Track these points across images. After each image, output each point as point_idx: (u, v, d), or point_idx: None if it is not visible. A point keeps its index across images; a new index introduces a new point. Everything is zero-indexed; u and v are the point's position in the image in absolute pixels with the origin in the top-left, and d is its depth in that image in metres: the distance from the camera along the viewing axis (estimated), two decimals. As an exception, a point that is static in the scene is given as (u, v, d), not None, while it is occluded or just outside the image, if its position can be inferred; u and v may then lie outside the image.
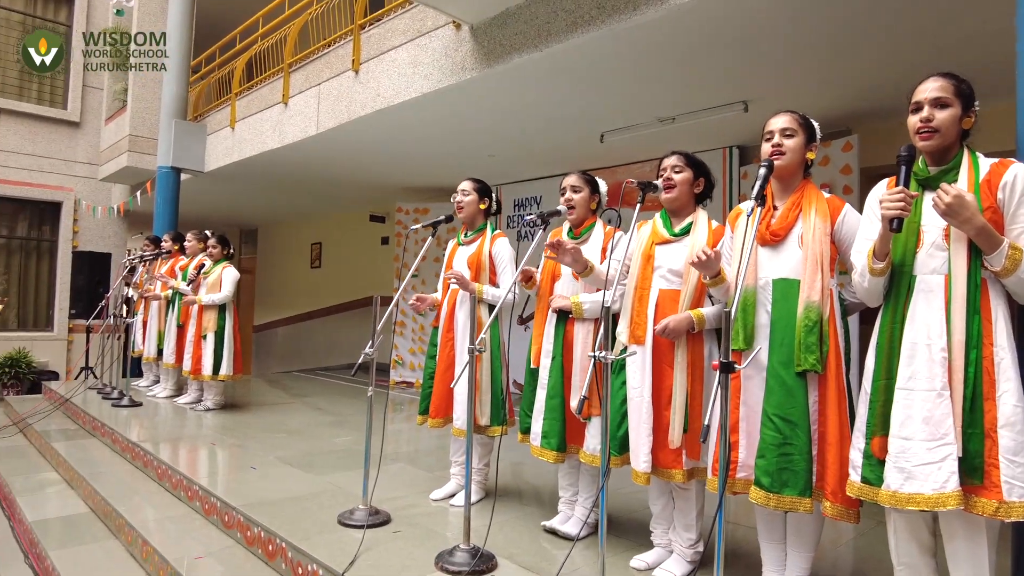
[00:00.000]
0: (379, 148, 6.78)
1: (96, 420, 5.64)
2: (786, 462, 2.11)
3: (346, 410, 6.56)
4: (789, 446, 2.11)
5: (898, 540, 1.98)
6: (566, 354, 2.91)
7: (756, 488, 2.15)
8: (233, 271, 5.80)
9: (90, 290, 9.41)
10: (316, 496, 3.52)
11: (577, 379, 2.84)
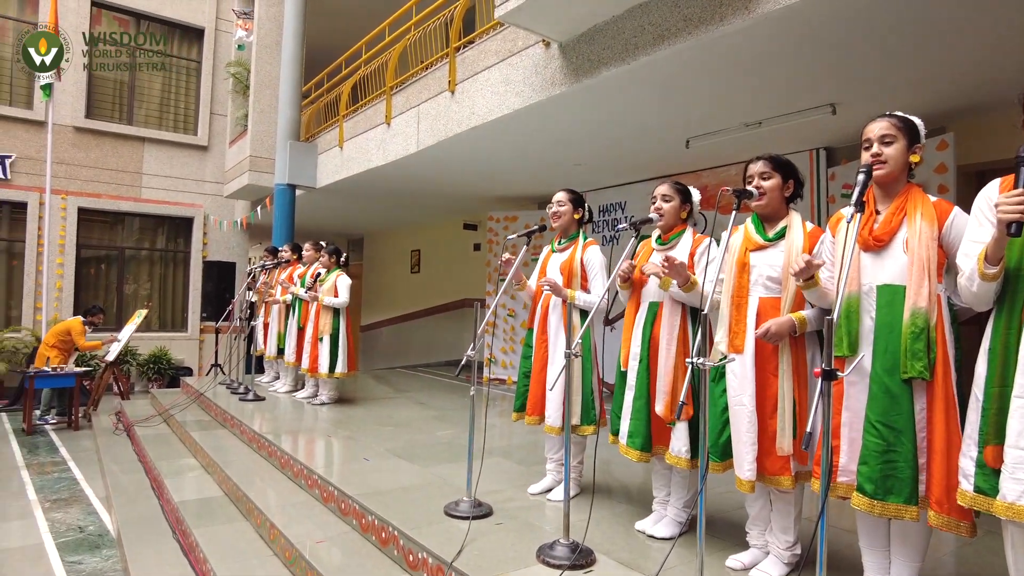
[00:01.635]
0: (473, 162, 6.88)
1: (226, 412, 5.99)
2: (890, 469, 1.99)
3: (446, 405, 6.68)
4: (893, 453, 1.98)
5: (1016, 555, 1.82)
6: (652, 357, 2.85)
7: (858, 494, 2.04)
8: (346, 278, 6.03)
9: (218, 295, 10.02)
10: (423, 487, 3.60)
11: (662, 382, 2.77)
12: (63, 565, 3.88)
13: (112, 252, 10.95)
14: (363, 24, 8.85)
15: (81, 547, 4.16)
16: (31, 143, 9.92)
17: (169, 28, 11.37)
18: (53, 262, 10.03)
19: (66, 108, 10.13)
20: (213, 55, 11.46)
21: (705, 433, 2.26)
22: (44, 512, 4.80)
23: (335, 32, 10.18)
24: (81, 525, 4.56)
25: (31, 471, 5.87)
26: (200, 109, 11.44)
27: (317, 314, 6.01)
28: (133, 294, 11.10)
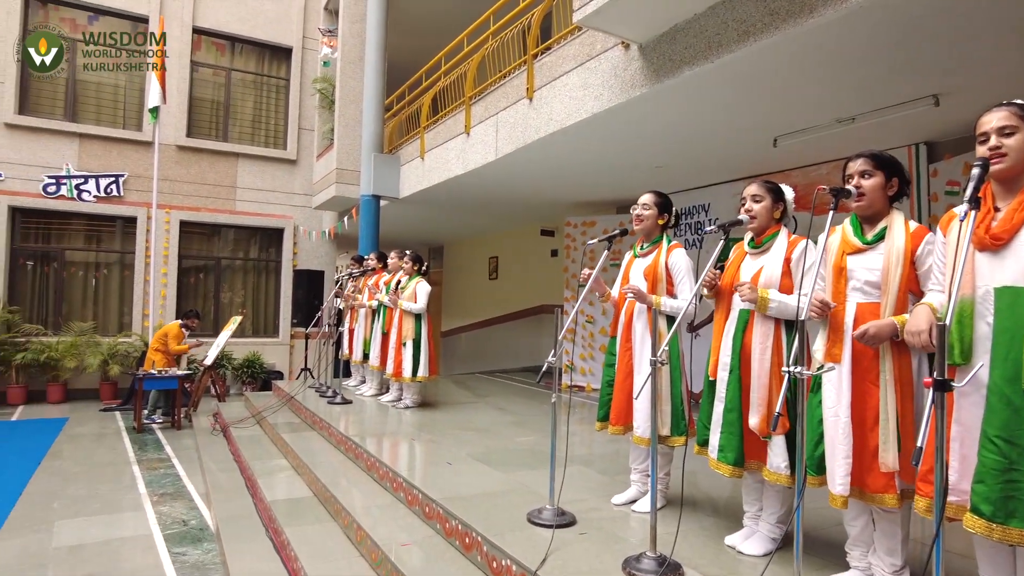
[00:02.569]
0: (551, 168, 6.86)
1: (315, 415, 6.20)
2: (1012, 490, 1.80)
3: (525, 410, 6.68)
4: (1015, 472, 1.80)
5: None
6: (743, 367, 2.73)
7: (973, 516, 1.86)
8: (426, 285, 6.14)
9: (307, 302, 10.42)
10: (505, 493, 3.59)
11: (755, 394, 2.65)
12: (169, 556, 4.11)
13: (210, 262, 11.62)
14: (442, 37, 9.03)
15: (185, 539, 4.40)
16: (140, 162, 10.68)
17: (260, 49, 12.00)
18: (158, 272, 10.74)
19: (170, 128, 10.84)
20: (300, 73, 11.99)
21: (803, 446, 2.14)
22: (152, 505, 5.12)
23: (415, 46, 10.43)
24: (185, 519, 4.82)
25: (141, 467, 6.28)
26: (289, 125, 12.00)
27: (400, 320, 6.15)
28: (229, 301, 11.73)
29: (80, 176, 10.31)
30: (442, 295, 15.01)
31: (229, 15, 11.50)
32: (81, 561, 4.02)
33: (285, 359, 11.64)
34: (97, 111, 10.77)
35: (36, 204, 10.11)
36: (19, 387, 9.61)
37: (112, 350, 9.98)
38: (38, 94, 10.39)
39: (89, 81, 10.73)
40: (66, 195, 10.22)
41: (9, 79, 9.95)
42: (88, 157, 10.44)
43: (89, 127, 10.51)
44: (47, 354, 9.56)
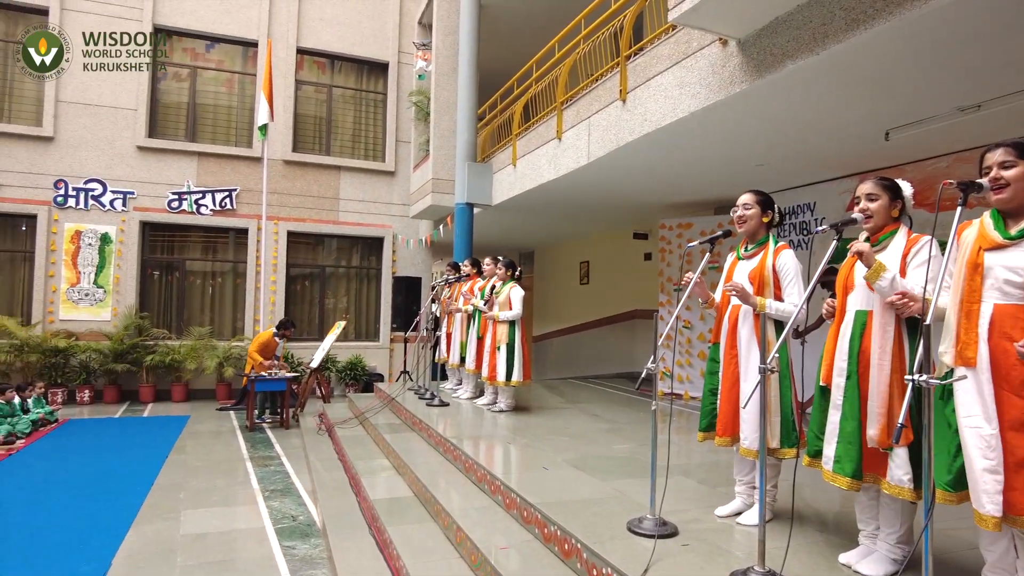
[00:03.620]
0: (645, 170, 6.74)
1: (414, 416, 6.37)
2: None
3: (619, 417, 6.57)
4: None
5: None
6: (861, 373, 2.55)
7: None
8: (520, 291, 6.18)
9: (406, 308, 10.75)
10: (604, 501, 3.54)
11: (875, 403, 2.47)
12: (280, 549, 4.34)
13: (315, 270, 12.23)
14: (532, 44, 9.09)
15: (294, 534, 4.63)
16: (250, 177, 11.40)
17: (358, 65, 12.53)
18: (268, 280, 11.41)
19: (277, 144, 11.51)
20: (397, 87, 12.43)
21: (930, 460, 1.97)
22: (264, 500, 5.42)
23: (506, 55, 10.55)
24: (294, 514, 5.07)
25: (253, 463, 6.66)
26: (387, 137, 12.45)
27: (494, 325, 6.22)
28: (333, 307, 12.29)
29: (199, 191, 11.13)
30: (533, 300, 15.06)
31: (330, 34, 12.09)
32: (205, 549, 4.31)
33: (385, 362, 12.05)
34: (213, 131, 11.60)
35: (162, 219, 11.00)
36: (149, 386, 10.48)
37: (227, 353, 10.68)
38: (164, 118, 11.31)
39: (206, 104, 11.58)
40: (187, 209, 11.06)
41: (141, 106, 10.89)
42: (205, 174, 11.25)
43: (206, 146, 11.34)
44: (171, 356, 10.37)
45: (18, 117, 10.52)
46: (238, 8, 11.53)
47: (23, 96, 10.59)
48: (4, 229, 10.49)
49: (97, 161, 10.65)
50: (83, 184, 10.54)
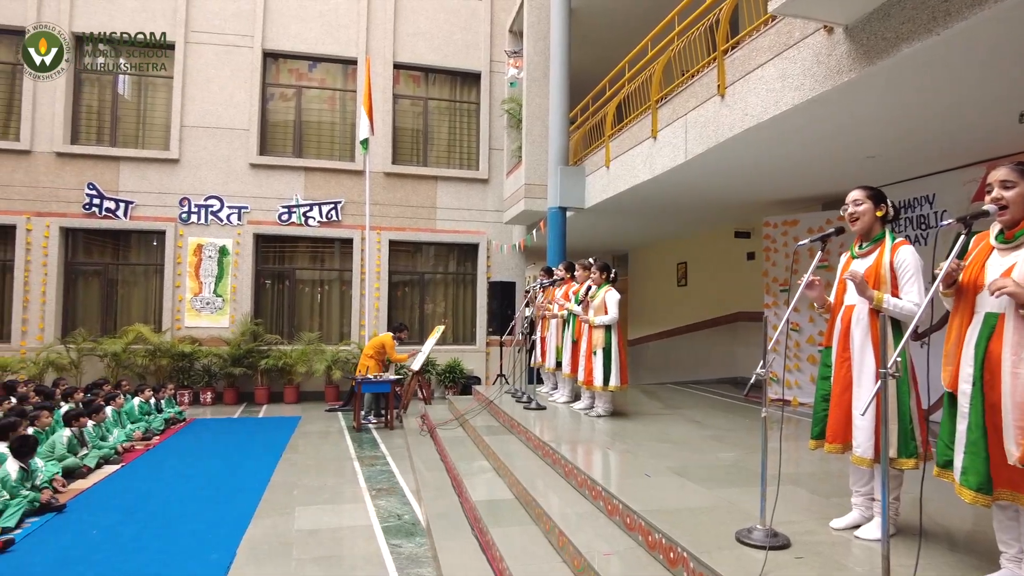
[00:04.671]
0: (745, 166, 6.50)
1: (513, 419, 6.43)
2: None
3: (722, 424, 6.36)
4: None
5: None
6: (988, 378, 2.33)
7: None
8: (615, 294, 6.11)
9: (501, 312, 10.89)
10: (710, 510, 3.44)
11: (1010, 415, 2.23)
12: (387, 547, 4.49)
13: (414, 276, 12.63)
14: (624, 45, 8.98)
15: (400, 532, 4.79)
16: (353, 189, 11.93)
17: (452, 77, 12.85)
18: (371, 287, 11.90)
19: (378, 157, 11.98)
20: (489, 95, 12.64)
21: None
22: (371, 499, 5.63)
23: (598, 57, 10.49)
24: (399, 513, 5.24)
25: (360, 463, 6.95)
26: (480, 146, 12.69)
27: (590, 329, 6.18)
28: (431, 312, 12.65)
29: (306, 204, 11.77)
30: (628, 303, 14.84)
31: (424, 48, 12.47)
32: (317, 544, 4.54)
33: (482, 365, 12.26)
34: (318, 146, 12.25)
35: (273, 231, 11.73)
36: (263, 388, 11.18)
37: (334, 357, 11.23)
38: (273, 136, 12.06)
39: (311, 121, 12.26)
40: (296, 221, 11.73)
41: (253, 126, 11.66)
42: (312, 187, 11.89)
43: (312, 161, 11.99)
44: (283, 360, 11.01)
45: (150, 143, 11.54)
46: (338, 28, 12.12)
47: (154, 124, 11.61)
48: (139, 244, 11.55)
49: (215, 179, 11.50)
50: (204, 201, 11.41)
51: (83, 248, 11.37)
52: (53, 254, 10.86)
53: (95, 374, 10.34)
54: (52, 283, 10.85)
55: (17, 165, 10.88)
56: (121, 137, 11.50)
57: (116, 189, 11.15)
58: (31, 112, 10.93)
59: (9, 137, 11.02)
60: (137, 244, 11.56)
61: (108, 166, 11.18)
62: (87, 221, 11.06)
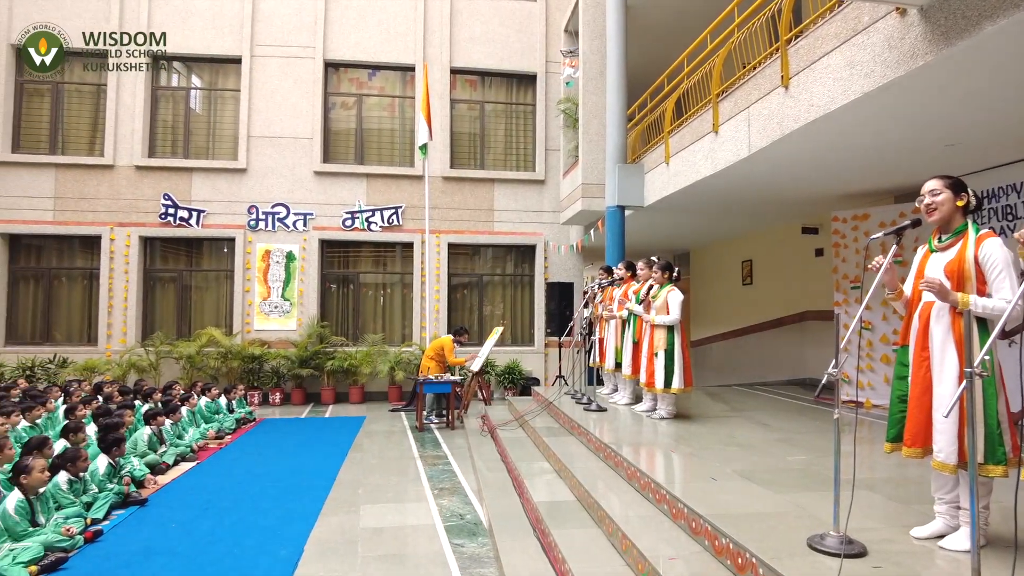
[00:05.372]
0: (812, 159, 6.27)
1: (573, 421, 6.38)
2: None
3: (790, 426, 6.14)
4: None
5: None
6: None
7: None
8: (678, 294, 5.99)
9: (559, 313, 10.82)
10: (780, 515, 3.31)
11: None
12: (450, 546, 4.52)
13: (473, 278, 12.73)
14: (682, 39, 8.81)
15: (462, 532, 4.81)
16: (413, 194, 12.13)
17: (507, 79, 12.90)
18: (432, 289, 12.06)
19: (436, 162, 12.14)
20: (545, 96, 12.63)
21: None
22: (434, 498, 5.69)
23: (655, 53, 10.33)
24: (461, 513, 5.28)
25: (423, 462, 7.04)
26: (537, 147, 12.69)
27: (652, 330, 6.07)
28: (490, 314, 12.72)
29: (368, 210, 12.04)
30: (690, 303, 14.54)
31: (480, 52, 12.56)
32: (382, 542, 4.61)
33: (540, 366, 12.25)
34: (379, 153, 12.52)
35: (337, 236, 12.04)
36: (329, 389, 11.49)
37: (397, 358, 11.46)
38: (335, 144, 12.40)
39: (371, 128, 12.54)
40: (359, 227, 12.01)
41: (316, 135, 12.01)
42: (374, 193, 12.15)
43: (373, 167, 12.26)
44: (348, 361, 11.29)
45: (219, 154, 12.05)
46: (396, 36, 12.36)
47: (223, 135, 12.12)
48: (211, 251, 12.07)
49: (281, 187, 11.91)
50: (270, 208, 11.82)
51: (160, 256, 11.97)
52: (133, 262, 11.48)
53: (171, 375, 10.85)
54: (133, 289, 11.46)
55: (102, 179, 11.56)
56: (193, 149, 12.05)
57: (189, 199, 11.69)
58: (113, 129, 11.58)
59: (95, 153, 11.72)
60: (209, 251, 12.08)
61: (181, 177, 11.73)
62: (163, 230, 11.63)
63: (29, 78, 11.78)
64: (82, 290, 11.77)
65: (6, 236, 11.42)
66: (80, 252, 11.78)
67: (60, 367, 10.88)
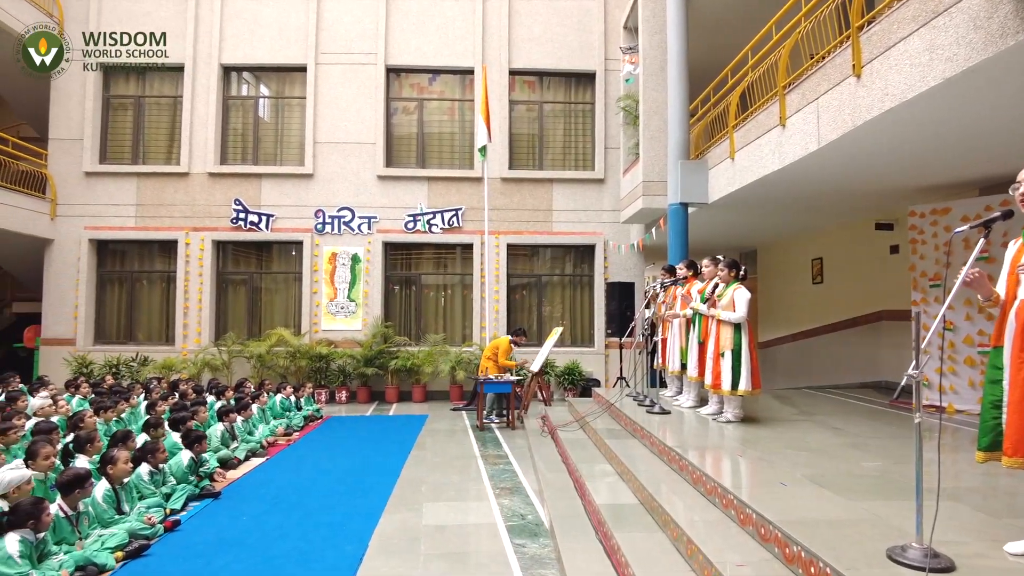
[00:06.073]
0: (887, 150, 5.96)
1: (636, 423, 6.27)
2: None
3: (863, 431, 5.86)
4: None
5: None
6: None
7: None
8: (744, 292, 5.80)
9: (620, 313, 10.65)
10: (855, 523, 3.15)
11: None
12: (512, 546, 4.51)
13: (531, 279, 12.72)
14: (744, 32, 8.55)
15: (523, 532, 4.79)
16: (473, 196, 12.21)
17: (566, 79, 12.84)
18: (491, 290, 12.12)
19: (495, 164, 12.18)
20: (604, 94, 12.50)
21: None
22: (495, 497, 5.69)
23: (717, 46, 10.07)
24: (523, 513, 5.25)
25: (484, 461, 7.06)
26: (596, 146, 12.57)
27: (718, 329, 5.90)
28: (549, 314, 12.68)
29: (430, 212, 12.21)
30: (757, 303, 14.09)
31: (539, 53, 12.55)
32: (444, 540, 4.64)
33: (601, 367, 12.12)
34: (439, 156, 12.68)
35: (400, 238, 12.27)
36: (393, 388, 11.72)
37: (458, 358, 11.57)
38: (398, 149, 12.63)
39: (432, 132, 12.71)
40: (420, 229, 12.20)
41: (379, 140, 12.27)
42: (435, 195, 12.31)
43: (434, 170, 12.43)
44: (411, 361, 11.48)
45: (287, 160, 12.47)
46: (455, 40, 12.48)
47: (290, 141, 12.53)
48: (280, 254, 12.50)
49: (346, 191, 12.21)
50: (336, 212, 12.14)
51: (232, 259, 12.48)
52: (207, 265, 12.00)
53: (242, 374, 11.28)
54: (207, 291, 11.98)
55: (178, 186, 12.14)
56: (262, 156, 12.51)
57: (259, 203, 12.13)
58: (188, 138, 12.15)
59: (172, 162, 12.33)
60: (278, 254, 12.52)
61: (251, 183, 12.19)
62: (234, 234, 12.12)
63: (116, 94, 12.50)
64: (160, 292, 12.39)
65: (94, 242, 12.13)
66: (159, 256, 12.41)
67: (141, 365, 11.48)
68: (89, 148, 12.12)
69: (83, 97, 12.16)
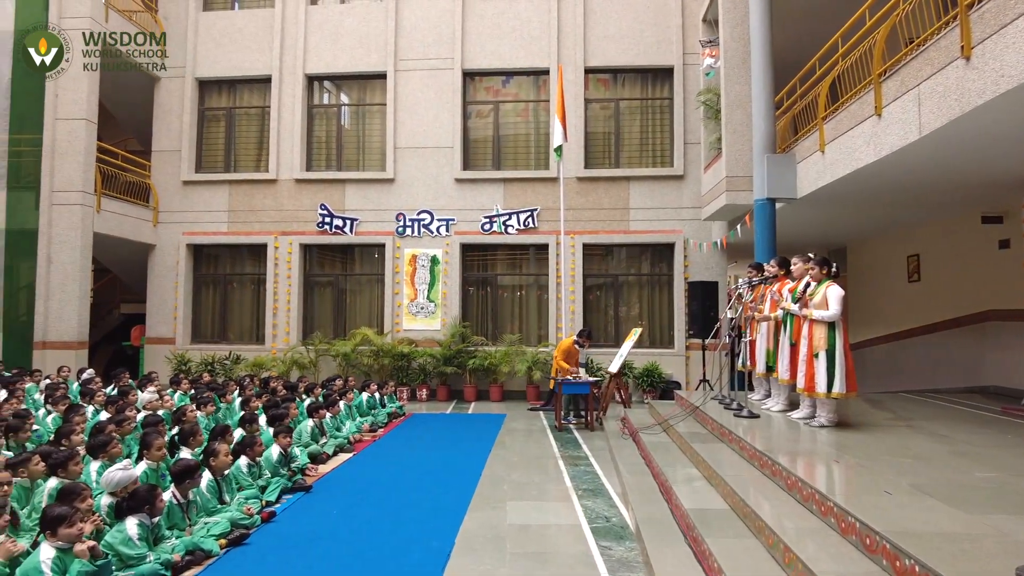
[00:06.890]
0: (998, 137, 5.55)
1: (723, 427, 6.09)
2: None
3: (974, 440, 5.46)
4: None
5: None
6: None
7: None
8: (837, 289, 5.54)
9: (702, 314, 10.37)
10: (974, 538, 2.94)
11: None
12: (597, 548, 4.47)
13: (607, 279, 12.58)
14: (832, 19, 8.16)
15: (609, 535, 4.74)
16: (548, 196, 12.20)
17: (642, 75, 12.64)
18: (567, 290, 12.07)
19: (570, 163, 12.13)
20: (683, 89, 12.22)
21: None
22: (578, 499, 5.66)
23: (802, 35, 9.67)
24: (607, 515, 5.20)
25: (564, 462, 7.03)
26: (675, 141, 12.30)
27: (811, 329, 5.66)
28: (626, 315, 12.50)
29: (506, 213, 12.29)
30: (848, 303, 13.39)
31: (614, 50, 12.41)
32: (528, 539, 4.65)
33: (681, 370, 11.84)
34: (514, 158, 12.76)
35: (476, 240, 12.42)
36: (471, 386, 11.87)
37: (534, 358, 11.58)
38: (474, 152, 12.80)
39: (507, 134, 12.81)
40: (496, 230, 12.30)
41: (456, 144, 12.46)
42: (510, 197, 12.38)
43: (509, 172, 12.52)
44: (488, 360, 11.59)
45: (369, 165, 12.87)
46: (530, 40, 12.52)
47: (371, 147, 12.92)
48: (363, 257, 12.91)
49: (425, 194, 12.47)
50: (416, 215, 12.42)
51: (317, 261, 12.98)
52: (295, 267, 12.53)
53: (329, 372, 11.69)
54: (295, 293, 12.51)
55: (267, 192, 12.73)
56: (345, 162, 12.95)
57: (343, 208, 12.56)
58: (276, 146, 12.73)
59: (261, 169, 12.95)
60: (361, 256, 12.92)
61: (335, 188, 12.64)
62: (320, 238, 12.60)
63: (210, 106, 13.25)
64: (251, 294, 13.03)
65: (191, 247, 12.90)
66: (249, 259, 13.05)
67: (234, 363, 12.10)
68: (186, 158, 12.89)
69: (181, 111, 12.96)
